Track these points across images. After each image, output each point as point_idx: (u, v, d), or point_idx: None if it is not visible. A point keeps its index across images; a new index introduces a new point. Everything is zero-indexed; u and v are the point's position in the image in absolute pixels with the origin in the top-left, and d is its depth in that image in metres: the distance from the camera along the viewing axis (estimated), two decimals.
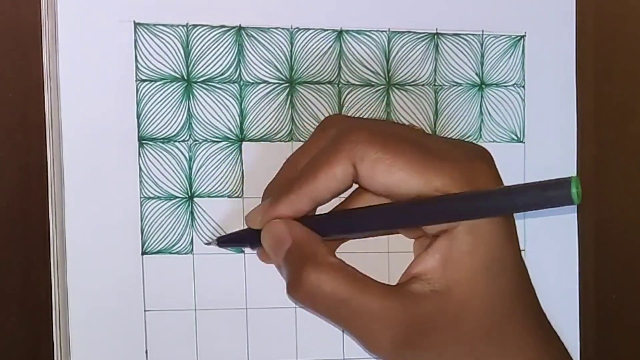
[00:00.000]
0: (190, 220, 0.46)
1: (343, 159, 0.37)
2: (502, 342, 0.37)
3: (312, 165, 0.38)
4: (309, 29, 0.46)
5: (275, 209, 0.39)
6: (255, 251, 0.44)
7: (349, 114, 0.47)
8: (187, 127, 0.45)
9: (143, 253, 0.45)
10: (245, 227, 0.42)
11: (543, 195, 0.33)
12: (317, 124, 0.46)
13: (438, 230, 0.37)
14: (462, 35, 0.48)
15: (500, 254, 0.37)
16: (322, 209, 0.41)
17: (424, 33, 0.47)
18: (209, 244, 0.45)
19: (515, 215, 0.39)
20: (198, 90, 0.45)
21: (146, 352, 0.45)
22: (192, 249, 0.46)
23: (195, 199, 0.45)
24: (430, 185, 0.36)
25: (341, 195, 0.40)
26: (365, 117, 0.47)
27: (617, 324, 0.50)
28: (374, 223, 0.39)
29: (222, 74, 0.46)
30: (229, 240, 0.45)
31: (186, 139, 0.45)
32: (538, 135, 0.49)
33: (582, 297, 0.49)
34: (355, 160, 0.36)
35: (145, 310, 0.45)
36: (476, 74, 0.48)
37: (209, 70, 0.45)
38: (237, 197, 0.46)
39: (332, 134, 0.39)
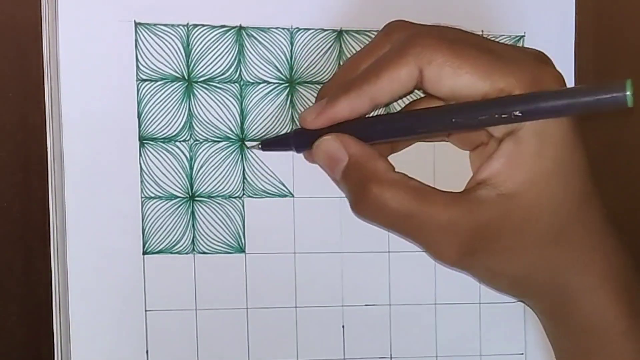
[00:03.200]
0: (191, 220, 0.46)
1: (410, 61, 0.36)
2: (570, 244, 0.37)
3: (376, 66, 0.38)
4: (309, 29, 0.46)
5: (333, 107, 0.38)
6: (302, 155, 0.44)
7: None
8: (187, 127, 0.45)
9: (144, 253, 0.45)
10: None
11: (602, 94, 0.34)
12: None
13: (503, 133, 0.37)
14: None
15: (568, 156, 0.37)
16: None
17: None
18: (251, 147, 0.45)
19: None
20: (199, 90, 0.45)
21: (147, 351, 0.45)
22: (193, 249, 0.46)
23: (196, 199, 0.46)
24: (495, 86, 0.36)
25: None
26: None
27: None
28: (439, 122, 0.38)
29: (223, 74, 0.46)
30: (273, 144, 0.44)
31: (187, 139, 0.45)
32: None
33: None
34: (422, 63, 0.36)
35: (146, 310, 0.45)
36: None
37: (210, 70, 0.45)
38: (238, 197, 0.46)
39: (399, 37, 0.38)
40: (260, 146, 0.44)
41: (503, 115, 0.35)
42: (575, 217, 0.37)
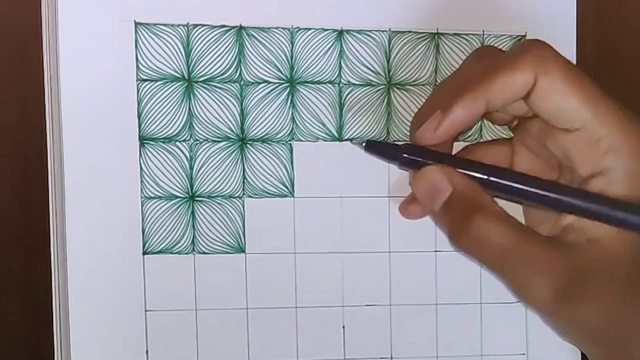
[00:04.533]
0: (191, 220, 0.46)
1: (528, 66, 0.35)
2: None
3: (492, 69, 0.36)
4: (310, 29, 0.46)
5: (449, 114, 0.37)
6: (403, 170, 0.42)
7: (349, 114, 0.47)
8: (187, 126, 0.45)
9: (144, 253, 0.45)
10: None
11: None
12: (317, 124, 0.46)
13: (591, 173, 0.36)
14: (462, 35, 0.48)
15: None
16: None
17: (424, 33, 0.47)
18: (352, 142, 0.45)
19: None
20: (199, 90, 0.45)
21: (147, 352, 0.45)
22: (193, 249, 0.46)
23: (196, 199, 0.45)
24: (597, 121, 0.35)
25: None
26: (365, 117, 0.47)
27: None
28: (549, 198, 0.37)
29: (223, 74, 0.46)
30: (378, 149, 0.41)
31: (187, 139, 0.45)
32: None
33: None
34: (539, 71, 0.35)
35: (146, 310, 0.45)
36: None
37: (210, 69, 0.45)
38: (238, 197, 0.46)
39: (498, 59, 0.37)
40: (364, 145, 0.42)
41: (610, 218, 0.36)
42: None
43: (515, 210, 0.39)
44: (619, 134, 0.35)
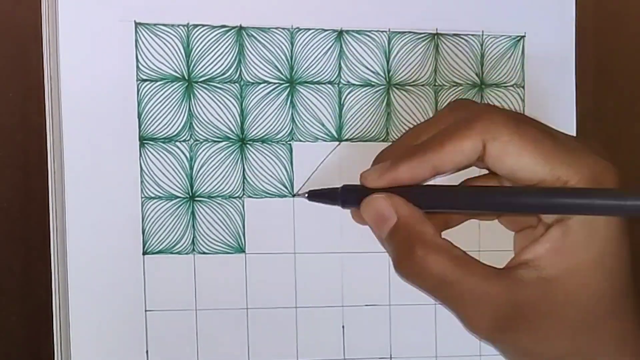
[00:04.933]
0: (191, 220, 0.46)
1: (475, 134, 0.37)
2: (604, 339, 0.38)
3: (441, 136, 0.38)
4: (310, 29, 0.46)
5: (395, 170, 0.38)
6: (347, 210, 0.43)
7: (349, 114, 0.47)
8: (187, 127, 0.45)
9: (144, 253, 0.45)
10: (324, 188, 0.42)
11: None
12: (317, 124, 0.46)
13: (553, 220, 0.37)
14: (462, 36, 0.48)
15: (613, 251, 0.37)
16: None
17: (424, 33, 0.47)
18: (296, 195, 0.46)
19: None
20: (199, 90, 0.45)
21: (147, 352, 0.45)
22: (193, 249, 0.46)
23: (196, 199, 0.46)
24: (554, 174, 0.36)
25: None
26: (365, 117, 0.47)
27: None
28: (491, 202, 0.38)
29: (223, 74, 0.46)
30: (320, 195, 0.43)
31: (187, 139, 0.45)
32: None
33: None
34: (487, 138, 0.36)
35: (146, 310, 0.45)
36: (476, 74, 0.48)
37: (210, 70, 0.45)
38: (238, 197, 0.46)
39: (465, 112, 0.38)
40: (306, 196, 0.43)
41: (561, 206, 0.36)
42: (613, 312, 0.38)
43: None
44: (576, 182, 0.36)
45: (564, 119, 0.49)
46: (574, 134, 0.49)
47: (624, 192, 0.35)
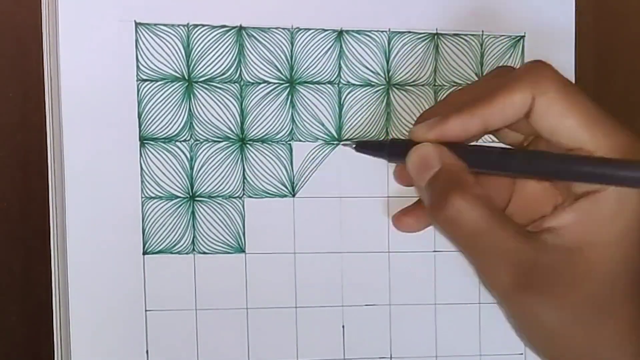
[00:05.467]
0: (191, 220, 0.46)
1: (526, 87, 0.36)
2: (612, 317, 0.37)
3: (491, 89, 0.37)
4: (310, 29, 0.46)
5: (445, 124, 0.38)
6: (391, 165, 0.42)
7: (349, 114, 0.47)
8: (188, 126, 0.45)
9: (144, 253, 0.45)
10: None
11: None
12: (317, 124, 0.46)
13: (583, 191, 0.37)
14: (462, 36, 0.48)
15: (638, 228, 0.36)
16: None
17: (424, 33, 0.47)
18: (345, 145, 0.45)
19: None
20: (199, 90, 0.45)
21: (147, 351, 0.45)
22: (193, 249, 0.46)
23: (196, 199, 0.46)
24: (594, 142, 0.36)
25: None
26: (365, 117, 0.47)
27: None
28: (532, 166, 0.37)
29: (223, 74, 0.46)
30: (368, 147, 0.42)
31: (187, 139, 0.45)
32: None
33: None
34: (536, 92, 0.36)
35: (146, 310, 0.45)
36: (476, 74, 0.48)
37: (210, 70, 0.45)
38: (238, 197, 0.46)
39: (513, 71, 0.38)
40: (354, 146, 0.42)
41: (597, 177, 0.35)
42: (627, 293, 0.37)
43: None
44: (615, 155, 0.36)
45: None
46: None
47: None
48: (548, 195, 0.40)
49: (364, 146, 0.42)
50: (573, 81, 0.49)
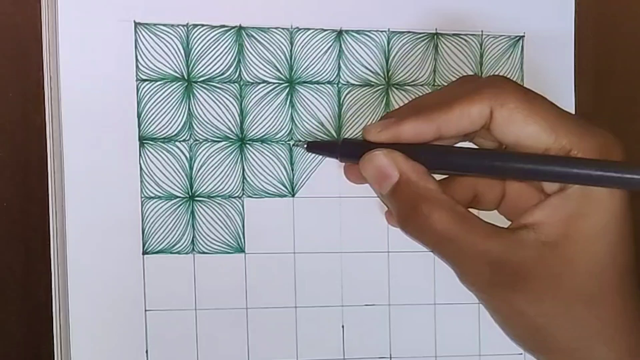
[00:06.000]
0: (190, 220, 0.46)
1: (484, 100, 0.37)
2: (603, 310, 0.38)
3: (449, 99, 0.38)
4: (309, 29, 0.46)
5: (399, 125, 0.38)
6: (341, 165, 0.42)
7: (348, 114, 0.47)
8: (187, 126, 0.45)
9: (144, 253, 0.45)
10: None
11: None
12: (316, 124, 0.46)
13: (554, 189, 0.37)
14: (461, 36, 0.48)
15: (617, 224, 0.37)
16: None
17: (423, 33, 0.48)
18: (296, 145, 0.46)
19: None
20: (198, 90, 0.45)
21: (147, 351, 0.45)
22: (193, 249, 0.46)
23: (195, 199, 0.46)
24: (559, 143, 0.36)
25: None
26: (364, 117, 0.47)
27: None
28: (492, 164, 0.38)
29: (222, 74, 0.46)
30: (319, 147, 0.43)
31: (187, 139, 0.45)
32: None
33: None
34: (495, 104, 0.37)
35: (145, 310, 0.45)
36: (475, 74, 0.48)
37: (209, 70, 0.45)
38: (237, 197, 0.46)
39: (474, 83, 0.39)
40: (305, 146, 0.43)
41: (564, 175, 0.36)
42: (615, 287, 0.38)
43: None
44: (580, 152, 0.36)
45: None
46: None
47: (629, 165, 0.35)
48: (532, 193, 0.40)
49: (316, 146, 0.43)
50: (572, 80, 0.49)
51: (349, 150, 0.40)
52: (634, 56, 0.51)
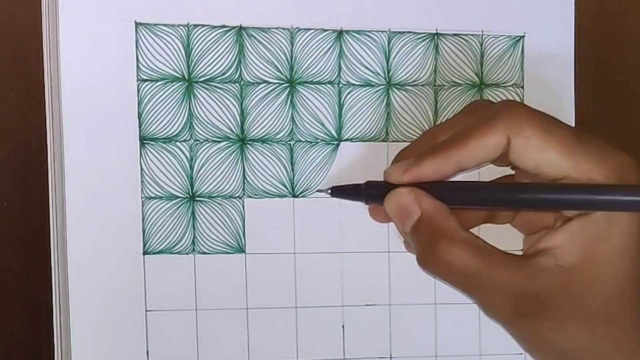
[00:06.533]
0: (191, 220, 0.46)
1: (499, 130, 0.37)
2: (623, 328, 0.38)
3: (465, 132, 0.38)
4: (310, 29, 0.46)
5: (419, 166, 0.39)
6: (365, 206, 0.43)
7: (349, 114, 0.47)
8: (188, 127, 0.45)
9: (144, 253, 0.45)
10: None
11: None
12: (317, 124, 0.46)
13: (575, 213, 0.37)
14: (461, 36, 0.48)
15: (634, 245, 0.37)
16: None
17: (424, 33, 0.48)
18: (320, 191, 0.46)
19: None
20: (199, 90, 0.45)
21: (147, 352, 0.45)
22: (194, 249, 0.46)
23: (196, 199, 0.46)
24: (579, 169, 0.36)
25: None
26: (365, 117, 0.47)
27: None
28: (515, 199, 0.38)
29: (223, 74, 0.46)
30: (343, 192, 0.43)
31: (187, 139, 0.45)
32: None
33: None
34: (511, 133, 0.37)
35: (146, 310, 0.45)
36: (476, 74, 0.48)
37: (210, 70, 0.45)
38: (238, 197, 0.46)
39: (486, 111, 0.39)
40: (329, 192, 0.44)
41: (584, 203, 0.36)
42: (634, 304, 0.38)
43: None
44: (600, 177, 0.36)
45: (564, 118, 0.48)
46: None
47: None
48: None
49: (340, 191, 0.43)
50: (572, 80, 0.49)
51: (373, 193, 0.41)
52: (635, 56, 0.51)
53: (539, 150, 0.36)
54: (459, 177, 0.40)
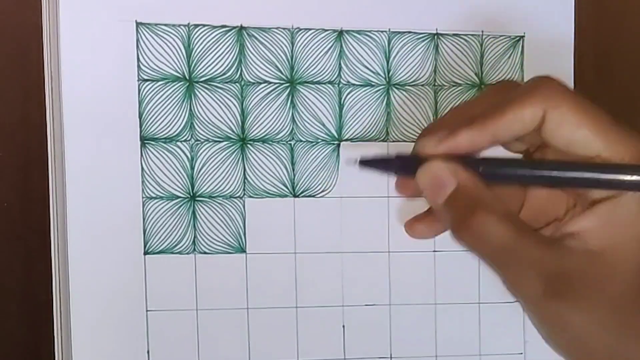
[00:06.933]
0: (192, 220, 0.46)
1: (537, 102, 0.36)
2: None
3: (502, 103, 0.37)
4: (310, 29, 0.46)
5: (454, 138, 0.38)
6: (394, 181, 0.41)
7: (349, 114, 0.47)
8: (188, 127, 0.45)
9: (145, 253, 0.45)
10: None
11: None
12: (317, 124, 0.46)
13: (603, 196, 0.37)
14: (461, 36, 0.48)
15: None
16: None
17: (424, 33, 0.48)
18: (348, 162, 0.46)
19: None
20: (199, 90, 0.45)
21: (148, 351, 0.45)
22: (194, 249, 0.46)
23: (197, 199, 0.46)
24: (610, 149, 0.36)
25: None
26: (365, 117, 0.47)
27: None
28: (550, 174, 0.37)
29: (224, 74, 0.46)
30: (373, 162, 0.41)
31: (188, 139, 0.45)
32: None
33: None
34: (548, 106, 0.36)
35: (147, 310, 0.45)
36: (475, 74, 0.48)
37: (211, 70, 0.45)
38: (238, 197, 0.46)
39: (522, 86, 0.38)
40: (359, 162, 0.41)
41: (616, 182, 0.36)
42: None
43: None
44: (631, 161, 0.36)
45: None
46: None
47: None
48: (559, 198, 0.40)
49: (369, 163, 0.42)
50: (572, 80, 0.49)
51: (404, 165, 0.40)
52: (634, 56, 0.51)
53: (574, 126, 0.36)
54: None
